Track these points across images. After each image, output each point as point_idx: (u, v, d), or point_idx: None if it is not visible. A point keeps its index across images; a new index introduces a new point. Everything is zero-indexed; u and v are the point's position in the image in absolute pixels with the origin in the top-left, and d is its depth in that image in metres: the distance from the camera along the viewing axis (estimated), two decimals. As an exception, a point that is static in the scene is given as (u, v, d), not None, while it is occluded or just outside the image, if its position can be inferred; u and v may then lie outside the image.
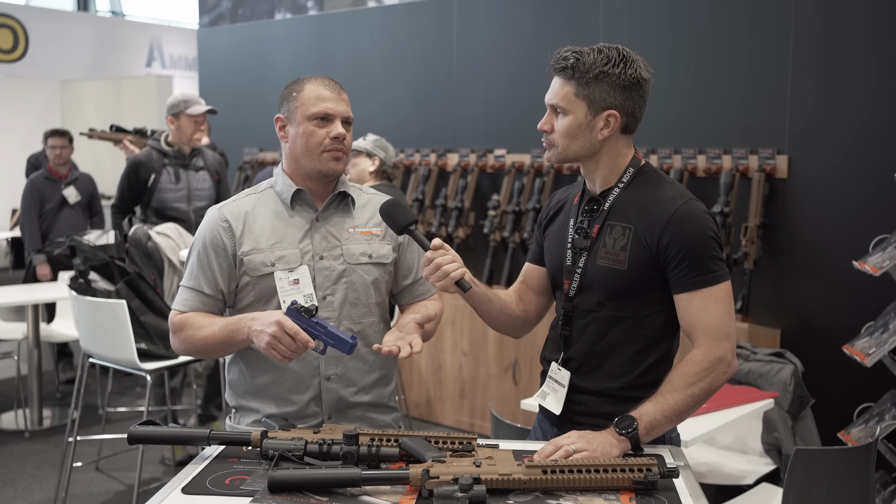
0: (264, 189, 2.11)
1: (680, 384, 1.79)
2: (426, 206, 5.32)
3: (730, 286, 1.86)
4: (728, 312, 1.83)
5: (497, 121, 5.20)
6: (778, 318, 4.07)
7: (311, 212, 2.07)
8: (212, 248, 2.03)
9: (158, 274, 4.36)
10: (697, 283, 1.82)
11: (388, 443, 1.73)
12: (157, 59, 11.20)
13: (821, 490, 2.45)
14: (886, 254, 3.32)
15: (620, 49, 1.86)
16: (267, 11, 8.75)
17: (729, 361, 1.82)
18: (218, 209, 2.08)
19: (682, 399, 1.79)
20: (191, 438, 1.82)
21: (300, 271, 2.01)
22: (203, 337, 1.98)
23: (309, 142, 2.01)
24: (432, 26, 5.55)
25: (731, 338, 1.83)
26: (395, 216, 1.94)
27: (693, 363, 1.80)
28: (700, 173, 4.25)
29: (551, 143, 1.90)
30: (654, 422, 1.77)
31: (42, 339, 5.01)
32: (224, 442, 1.80)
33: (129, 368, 3.65)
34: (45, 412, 5.13)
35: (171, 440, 1.84)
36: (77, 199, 5.91)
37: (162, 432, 1.81)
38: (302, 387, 2.03)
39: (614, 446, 1.73)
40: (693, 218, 1.82)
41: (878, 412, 3.42)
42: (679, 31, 4.43)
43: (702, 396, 1.81)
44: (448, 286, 1.86)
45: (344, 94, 2.06)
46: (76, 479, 4.13)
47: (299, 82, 2.06)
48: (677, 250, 1.82)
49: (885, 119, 3.77)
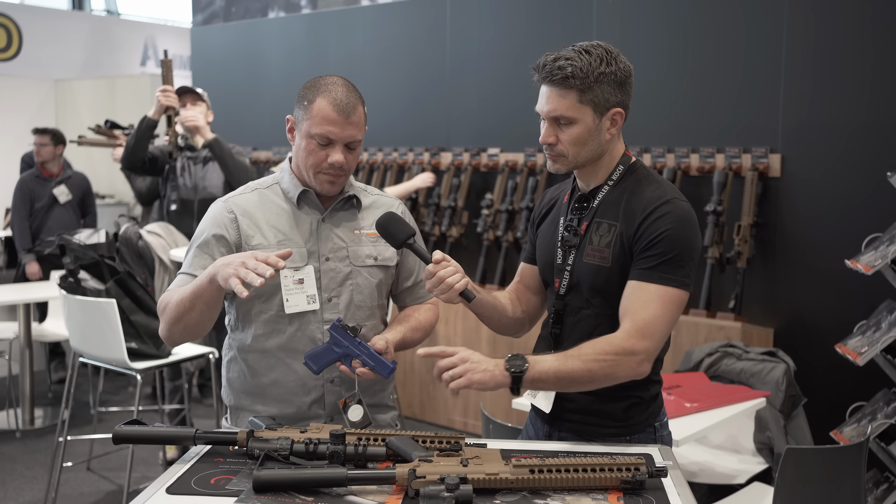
0: (270, 185, 2.09)
1: (587, 356, 1.77)
2: (420, 205, 5.31)
3: (682, 298, 1.82)
4: (665, 319, 1.80)
5: (490, 120, 5.19)
6: (770, 317, 4.06)
7: (317, 212, 2.05)
8: (214, 238, 2.00)
9: (149, 273, 4.34)
10: (651, 277, 1.80)
11: (375, 442, 1.72)
12: (151, 58, 11.17)
13: (812, 489, 2.45)
14: (879, 253, 3.32)
15: (604, 45, 1.85)
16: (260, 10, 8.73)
17: (640, 361, 1.79)
18: (224, 201, 2.06)
19: (581, 370, 1.77)
20: (176, 438, 1.79)
21: (305, 271, 1.99)
22: (177, 301, 1.91)
23: (308, 159, 1.98)
24: (426, 25, 5.54)
25: (653, 340, 1.79)
26: (392, 231, 1.92)
27: (609, 343, 1.78)
28: (693, 172, 4.25)
29: (559, 153, 1.87)
30: (543, 376, 1.77)
31: (34, 338, 4.99)
32: (210, 442, 1.78)
33: (120, 368, 3.64)
34: (37, 412, 5.12)
35: (157, 440, 1.81)
36: (68, 198, 5.86)
37: (147, 432, 1.78)
38: (305, 388, 2.01)
39: (493, 379, 1.74)
40: (670, 217, 1.81)
41: (870, 411, 3.42)
42: (672, 29, 4.42)
43: (599, 377, 1.78)
44: (452, 298, 1.86)
45: (355, 114, 1.95)
46: (67, 479, 4.11)
47: (315, 89, 1.97)
48: (646, 244, 1.81)
49: (877, 118, 3.76)
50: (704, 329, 3.94)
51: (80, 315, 3.65)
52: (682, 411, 2.91)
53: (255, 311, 2.01)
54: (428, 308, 2.19)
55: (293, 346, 2.00)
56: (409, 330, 2.08)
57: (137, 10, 12.43)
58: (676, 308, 1.82)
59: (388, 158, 5.59)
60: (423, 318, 2.14)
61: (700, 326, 3.96)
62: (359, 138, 1.99)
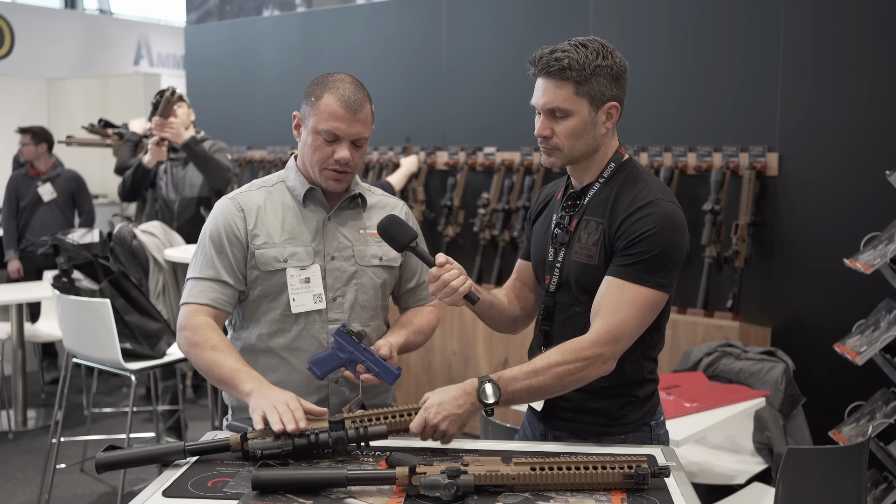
0: (275, 183, 2.08)
1: (555, 369, 1.77)
2: (420, 200, 5.28)
3: (658, 300, 1.81)
4: (636, 321, 1.79)
5: (486, 118, 5.17)
6: (769, 316, 4.05)
7: (323, 211, 2.04)
8: (226, 236, 1.98)
9: (143, 273, 4.31)
10: (627, 275, 1.79)
11: (375, 422, 1.71)
12: (144, 58, 11.12)
13: (813, 489, 2.43)
14: (878, 252, 3.31)
15: (599, 40, 1.85)
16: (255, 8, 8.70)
17: (606, 360, 1.79)
18: (231, 198, 2.04)
19: (551, 383, 1.78)
20: (164, 455, 1.72)
21: (312, 270, 1.98)
22: (210, 360, 1.90)
23: (314, 155, 1.97)
24: (421, 23, 5.52)
25: (622, 343, 1.80)
26: (395, 234, 1.91)
27: (578, 349, 1.78)
28: (691, 171, 4.23)
29: (554, 146, 1.86)
30: (516, 396, 1.78)
31: (26, 338, 4.96)
32: (201, 452, 1.72)
33: (114, 368, 3.60)
34: (30, 413, 5.08)
35: (143, 461, 1.72)
36: (52, 196, 5.78)
37: (131, 455, 1.71)
38: (309, 389, 2.00)
39: (465, 416, 1.74)
40: (652, 218, 1.80)
41: (869, 411, 3.41)
42: (669, 28, 4.41)
43: (570, 384, 1.80)
44: (456, 301, 1.86)
45: (362, 111, 1.95)
46: (60, 481, 4.08)
47: (323, 85, 1.96)
48: (626, 243, 1.80)
49: (875, 117, 3.76)
50: (702, 328, 3.93)
51: (74, 315, 3.61)
52: (682, 411, 2.89)
53: (262, 310, 2.00)
54: (430, 311, 2.19)
55: (298, 346, 1.99)
56: (411, 333, 2.08)
57: (130, 9, 12.37)
58: (650, 310, 1.81)
59: (384, 157, 5.56)
60: (425, 321, 2.14)
61: (698, 326, 3.94)
62: (365, 136, 1.98)
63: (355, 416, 1.72)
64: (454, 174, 5.16)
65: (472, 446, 1.83)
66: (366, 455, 1.75)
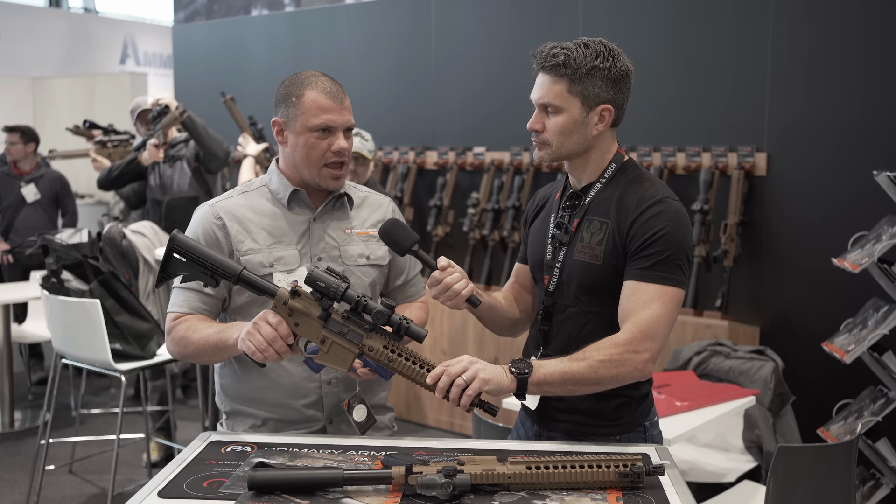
0: (257, 187, 2.06)
1: (591, 357, 1.76)
2: (405, 204, 5.28)
3: (680, 296, 1.82)
4: (666, 318, 1.79)
5: (476, 118, 5.18)
6: (757, 315, 4.08)
7: (307, 212, 2.02)
8: (206, 244, 1.95)
9: (133, 273, 4.29)
10: (649, 277, 1.80)
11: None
12: (131, 57, 11.05)
13: (803, 487, 2.45)
14: (865, 251, 3.33)
15: (605, 42, 1.85)
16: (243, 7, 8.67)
17: (645, 361, 1.77)
18: (210, 206, 2.02)
19: (586, 371, 1.75)
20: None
21: (299, 272, 1.96)
22: (197, 339, 1.91)
23: (310, 154, 1.95)
24: (410, 22, 5.52)
25: (657, 340, 1.78)
26: (397, 238, 1.90)
27: (613, 344, 1.77)
28: (679, 171, 4.25)
29: (544, 141, 1.87)
30: (548, 378, 1.75)
31: (13, 339, 4.92)
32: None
33: (103, 369, 3.59)
34: (17, 414, 5.04)
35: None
36: (35, 197, 5.73)
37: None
38: (301, 391, 1.99)
39: (499, 378, 1.72)
40: (664, 217, 1.81)
41: (856, 409, 3.43)
42: (658, 27, 4.42)
43: (604, 379, 1.77)
44: (458, 305, 1.86)
45: (346, 99, 1.98)
46: (49, 483, 4.05)
47: (299, 84, 1.96)
48: (641, 243, 1.80)
49: (863, 116, 3.79)
50: (692, 327, 3.95)
51: (64, 316, 3.59)
52: (673, 410, 2.90)
53: (252, 314, 1.97)
54: (418, 307, 2.19)
55: None
56: None
57: (116, 8, 12.30)
58: (676, 307, 1.82)
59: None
60: (415, 316, 2.13)
61: (687, 325, 3.96)
62: (353, 123, 2.00)
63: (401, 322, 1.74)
64: (444, 174, 5.17)
65: (466, 446, 1.83)
66: (361, 454, 1.75)
